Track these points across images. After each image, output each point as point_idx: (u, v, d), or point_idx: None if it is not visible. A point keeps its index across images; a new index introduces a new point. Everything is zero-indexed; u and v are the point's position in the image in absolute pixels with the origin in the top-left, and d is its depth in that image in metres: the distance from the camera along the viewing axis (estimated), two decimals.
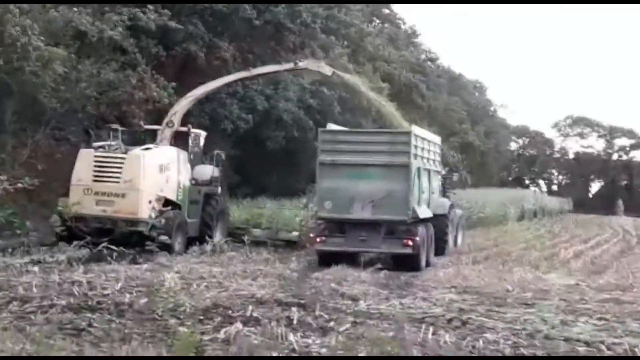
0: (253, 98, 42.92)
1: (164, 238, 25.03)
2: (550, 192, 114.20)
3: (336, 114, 46.64)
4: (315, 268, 23.88)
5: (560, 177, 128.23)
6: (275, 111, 44.09)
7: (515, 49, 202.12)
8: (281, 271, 21.77)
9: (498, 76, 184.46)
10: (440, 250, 29.22)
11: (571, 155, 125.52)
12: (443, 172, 33.21)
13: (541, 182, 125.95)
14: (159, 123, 29.52)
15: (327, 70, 30.53)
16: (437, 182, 30.35)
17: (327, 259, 24.91)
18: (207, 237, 28.09)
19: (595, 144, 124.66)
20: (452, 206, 31.96)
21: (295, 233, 30.53)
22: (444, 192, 32.72)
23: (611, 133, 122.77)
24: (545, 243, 39.74)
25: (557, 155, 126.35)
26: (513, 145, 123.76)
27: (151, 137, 28.85)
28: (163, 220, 26.10)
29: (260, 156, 44.51)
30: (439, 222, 29.10)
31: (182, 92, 32.11)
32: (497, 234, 45.96)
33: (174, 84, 34.48)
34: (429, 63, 79.57)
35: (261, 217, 32.03)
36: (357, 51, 59.34)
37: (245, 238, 28.98)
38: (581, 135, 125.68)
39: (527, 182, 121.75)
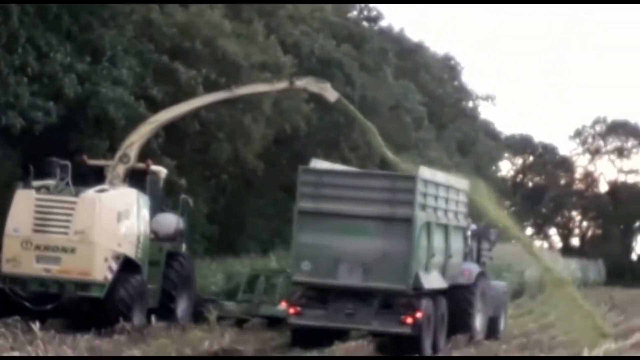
0: (56, 75, 27.18)
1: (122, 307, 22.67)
2: (567, 250, 79.72)
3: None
4: None
5: (586, 223, 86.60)
6: (94, 102, 28.07)
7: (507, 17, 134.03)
8: None
9: (482, 54, 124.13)
10: (459, 333, 25.27)
11: (604, 187, 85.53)
12: (471, 227, 28.28)
13: (553, 231, 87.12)
14: None
15: (331, 94, 26.72)
16: (459, 242, 26.47)
17: (303, 337, 22.84)
18: (166, 311, 24.73)
19: None
20: (482, 274, 27.27)
21: (283, 307, 25.55)
22: (477, 256, 28.66)
23: None
24: (557, 339, 27.83)
25: (581, 185, 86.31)
26: (505, 168, 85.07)
27: (96, 176, 24.89)
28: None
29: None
30: (457, 296, 25.48)
31: None
32: None
33: None
34: (365, 25, 54.07)
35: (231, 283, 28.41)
36: None
37: (212, 315, 25.13)
38: (621, 152, 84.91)
39: (528, 231, 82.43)
